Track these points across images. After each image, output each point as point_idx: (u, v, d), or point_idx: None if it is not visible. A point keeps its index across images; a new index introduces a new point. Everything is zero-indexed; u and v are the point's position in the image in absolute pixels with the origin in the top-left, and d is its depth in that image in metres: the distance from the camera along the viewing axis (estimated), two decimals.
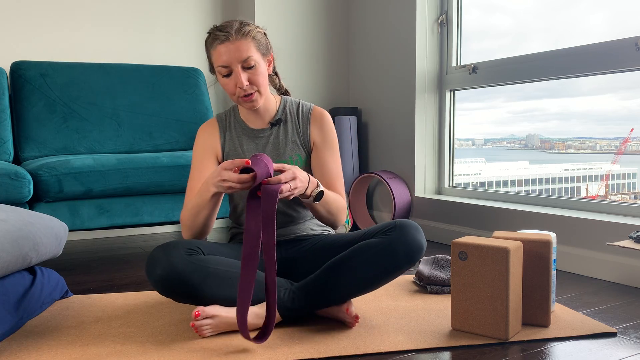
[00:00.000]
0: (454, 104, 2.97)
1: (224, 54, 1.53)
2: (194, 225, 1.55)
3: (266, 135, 1.69)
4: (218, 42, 1.54)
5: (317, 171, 1.68)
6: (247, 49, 1.54)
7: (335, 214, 1.61)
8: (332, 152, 1.69)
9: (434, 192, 3.03)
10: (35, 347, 1.42)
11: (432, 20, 2.94)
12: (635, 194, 2.83)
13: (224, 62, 1.54)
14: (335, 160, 1.69)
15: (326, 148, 1.68)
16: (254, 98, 1.59)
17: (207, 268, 1.46)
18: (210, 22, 3.28)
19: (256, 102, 1.60)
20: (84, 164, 2.20)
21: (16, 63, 2.67)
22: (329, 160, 1.68)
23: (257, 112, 1.68)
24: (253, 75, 1.56)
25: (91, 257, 2.55)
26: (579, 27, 2.48)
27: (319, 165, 1.68)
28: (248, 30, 1.55)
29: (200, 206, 1.51)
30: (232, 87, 1.57)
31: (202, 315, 1.45)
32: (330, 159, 1.68)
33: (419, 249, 1.50)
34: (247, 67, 1.55)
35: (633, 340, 1.46)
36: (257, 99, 1.60)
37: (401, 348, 1.40)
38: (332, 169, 1.68)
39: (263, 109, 1.68)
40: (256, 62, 1.56)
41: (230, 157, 1.69)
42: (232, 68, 1.55)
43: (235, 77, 1.55)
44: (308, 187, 1.47)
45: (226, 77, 1.57)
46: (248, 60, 1.54)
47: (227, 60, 1.54)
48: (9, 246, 1.47)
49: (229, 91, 1.59)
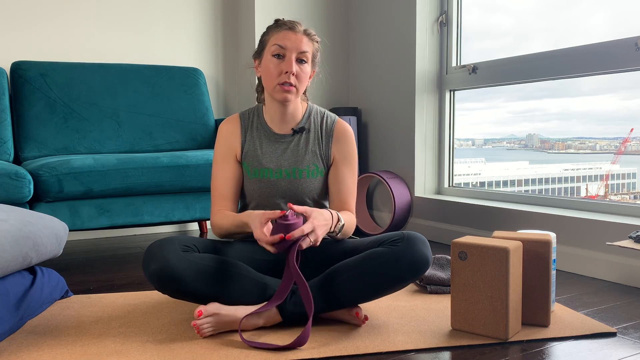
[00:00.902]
0: (454, 104, 2.97)
1: (287, 39, 1.60)
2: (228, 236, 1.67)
3: (287, 141, 1.70)
4: (286, 27, 1.61)
5: (334, 185, 1.71)
6: (307, 45, 1.62)
7: (347, 235, 1.68)
8: (351, 168, 1.72)
9: (434, 192, 3.03)
10: (35, 347, 1.42)
11: (432, 20, 2.94)
12: (635, 194, 2.83)
13: (284, 44, 1.59)
14: (352, 176, 1.73)
15: (345, 164, 1.71)
16: (292, 91, 1.61)
17: (201, 265, 1.46)
18: (210, 22, 3.29)
19: (291, 96, 1.62)
20: (84, 164, 2.20)
21: (16, 63, 2.67)
22: (347, 177, 1.71)
23: (283, 115, 1.68)
24: (300, 71, 1.62)
25: (91, 257, 2.55)
26: (580, 27, 2.48)
27: (336, 180, 1.71)
28: (313, 34, 1.66)
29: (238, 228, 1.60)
30: (278, 70, 1.60)
31: (204, 314, 1.45)
32: (348, 175, 1.71)
33: (425, 263, 1.50)
34: (299, 60, 1.61)
35: (633, 340, 1.47)
36: (293, 93, 1.62)
37: (401, 348, 1.40)
38: (349, 185, 1.71)
39: (290, 113, 1.69)
40: (308, 60, 1.63)
41: (248, 157, 1.69)
42: (288, 54, 1.60)
43: (287, 62, 1.59)
44: (331, 227, 1.54)
45: (276, 57, 1.60)
46: (305, 54, 1.62)
47: (287, 44, 1.59)
48: (9, 246, 1.47)
49: (272, 73, 1.60)
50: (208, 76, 3.29)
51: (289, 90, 1.60)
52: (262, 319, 1.51)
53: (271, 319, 1.52)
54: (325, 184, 1.72)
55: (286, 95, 1.61)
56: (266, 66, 1.62)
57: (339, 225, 1.57)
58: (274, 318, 1.52)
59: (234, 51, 3.36)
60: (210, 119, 3.00)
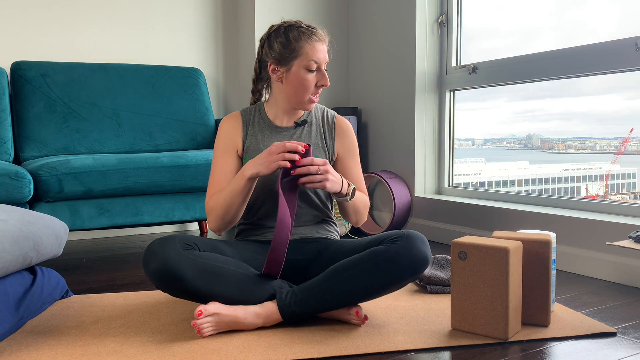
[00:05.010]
0: (454, 104, 2.97)
1: (321, 52, 1.64)
2: (226, 214, 1.60)
3: (289, 134, 1.72)
4: (316, 38, 1.64)
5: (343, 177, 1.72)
6: (329, 53, 1.69)
7: (362, 212, 1.71)
8: (355, 159, 1.78)
9: (434, 192, 3.03)
10: (35, 347, 1.43)
11: (432, 20, 2.94)
12: (635, 194, 2.83)
13: (319, 59, 1.64)
14: (357, 166, 1.78)
15: (350, 157, 1.77)
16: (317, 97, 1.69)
17: (201, 263, 1.46)
18: (210, 22, 3.29)
19: None
20: (84, 164, 2.20)
21: (16, 63, 2.67)
22: (353, 167, 1.76)
23: (289, 112, 1.73)
24: None
25: (91, 257, 2.55)
26: (581, 28, 2.48)
27: (344, 172, 1.76)
28: (329, 39, 1.71)
29: (234, 192, 1.57)
30: (313, 83, 1.64)
31: (205, 313, 1.45)
32: (353, 165, 1.77)
33: (423, 261, 1.50)
34: (324, 69, 1.67)
35: (633, 340, 1.47)
36: None
37: (401, 348, 1.40)
38: (356, 174, 1.77)
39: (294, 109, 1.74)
40: None
41: (250, 151, 1.70)
42: (322, 67, 1.64)
43: (321, 75, 1.65)
44: (343, 185, 1.56)
45: (311, 72, 1.63)
46: (327, 64, 1.68)
47: (321, 58, 1.64)
48: (9, 246, 1.47)
49: (308, 86, 1.64)
50: (208, 76, 3.29)
51: (317, 98, 1.69)
52: (262, 319, 1.51)
53: (271, 318, 1.52)
54: None
55: (314, 103, 1.69)
56: (300, 78, 1.63)
57: (350, 188, 1.59)
58: (274, 318, 1.52)
59: (234, 51, 3.36)
60: (210, 119, 3.00)
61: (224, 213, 1.60)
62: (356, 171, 1.77)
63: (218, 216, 1.61)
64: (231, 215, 1.61)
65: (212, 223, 1.64)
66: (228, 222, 1.63)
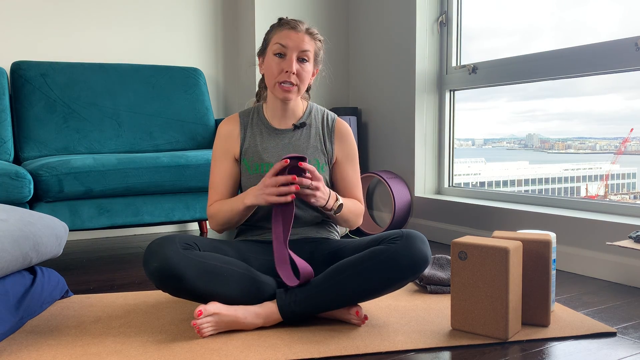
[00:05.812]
0: (454, 104, 2.97)
1: (289, 38, 1.61)
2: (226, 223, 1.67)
3: (288, 136, 1.72)
4: (288, 27, 1.63)
5: (340, 183, 1.75)
6: (308, 44, 1.63)
7: (352, 221, 1.71)
8: (353, 163, 1.77)
9: (434, 192, 3.03)
10: (35, 347, 1.43)
11: (432, 21, 2.94)
12: (635, 193, 2.83)
13: (286, 43, 1.61)
14: (355, 170, 1.77)
15: (349, 162, 1.76)
16: (292, 90, 1.64)
17: (201, 263, 1.46)
18: (210, 22, 3.29)
19: (291, 95, 1.65)
20: (84, 164, 2.20)
21: (16, 63, 2.67)
22: (350, 172, 1.76)
23: (284, 112, 1.71)
24: (301, 70, 1.63)
25: (91, 257, 2.55)
26: (581, 27, 2.48)
27: (341, 177, 1.75)
28: (315, 33, 1.67)
29: (234, 211, 1.61)
30: (278, 69, 1.62)
31: (205, 313, 1.45)
32: (351, 170, 1.76)
33: (423, 261, 1.50)
34: (301, 60, 1.63)
35: (633, 340, 1.47)
36: (293, 92, 1.64)
37: (401, 348, 1.40)
38: (353, 179, 1.76)
39: (290, 110, 1.72)
40: (309, 59, 1.64)
41: (248, 153, 1.71)
42: (289, 53, 1.61)
43: (287, 62, 1.61)
44: (328, 201, 1.56)
45: (278, 56, 1.62)
46: (306, 52, 1.63)
47: (288, 43, 1.61)
48: (9, 246, 1.47)
49: (273, 72, 1.62)
50: (208, 76, 3.29)
51: (289, 90, 1.63)
52: (262, 319, 1.51)
53: (271, 318, 1.52)
54: (328, 180, 1.74)
55: (286, 94, 1.63)
56: (268, 64, 1.65)
57: (336, 204, 1.59)
58: (274, 318, 1.52)
59: (234, 51, 3.36)
60: (210, 119, 3.00)
61: (224, 222, 1.67)
62: (353, 176, 1.76)
63: (219, 223, 1.68)
64: (231, 225, 1.68)
65: (213, 226, 1.71)
66: (228, 229, 1.71)
